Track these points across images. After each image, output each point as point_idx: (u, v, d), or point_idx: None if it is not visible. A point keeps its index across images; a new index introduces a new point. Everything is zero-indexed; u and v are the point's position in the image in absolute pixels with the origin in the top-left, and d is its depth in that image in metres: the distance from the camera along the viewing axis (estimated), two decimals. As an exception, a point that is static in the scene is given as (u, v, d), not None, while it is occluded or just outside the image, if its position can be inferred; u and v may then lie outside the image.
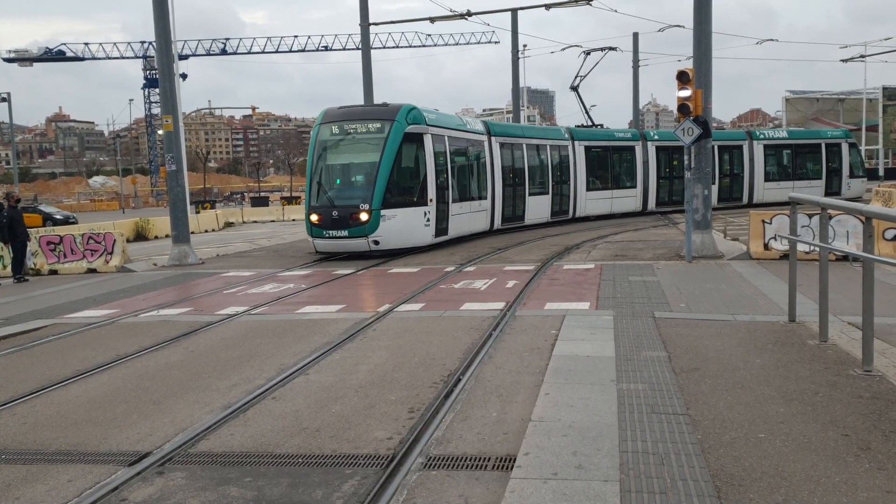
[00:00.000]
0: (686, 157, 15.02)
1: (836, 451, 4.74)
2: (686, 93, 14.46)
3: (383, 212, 17.18)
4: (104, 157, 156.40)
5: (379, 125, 17.79)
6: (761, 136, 34.20)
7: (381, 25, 31.55)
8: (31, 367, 8.30)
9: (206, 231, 35.14)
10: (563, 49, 40.16)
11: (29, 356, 8.96)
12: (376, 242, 17.23)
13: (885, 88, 71.30)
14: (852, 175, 35.34)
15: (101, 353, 8.75)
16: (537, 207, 25.43)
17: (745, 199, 32.74)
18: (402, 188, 18.09)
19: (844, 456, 4.66)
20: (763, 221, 14.68)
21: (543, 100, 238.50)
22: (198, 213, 40.90)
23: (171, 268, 17.94)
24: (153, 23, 18.45)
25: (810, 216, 13.62)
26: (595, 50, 31.63)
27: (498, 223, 23.10)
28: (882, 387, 6.05)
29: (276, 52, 75.50)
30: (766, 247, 14.59)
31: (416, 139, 18.03)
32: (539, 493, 4.22)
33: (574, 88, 31.87)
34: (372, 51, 29.41)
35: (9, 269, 17.48)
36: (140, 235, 31.20)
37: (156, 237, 31.45)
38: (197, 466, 5.07)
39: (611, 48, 31.73)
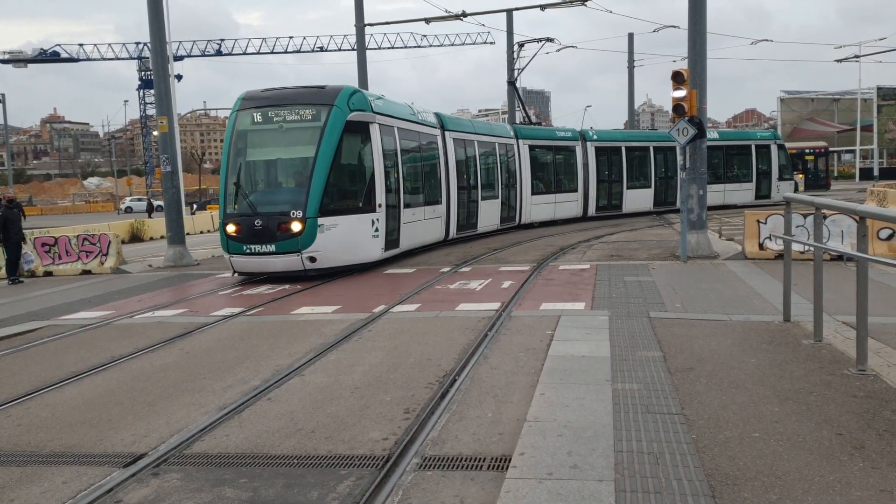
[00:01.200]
0: (681, 158, 15.05)
1: (831, 451, 4.75)
2: (681, 93, 14.49)
3: (321, 220, 13.86)
4: (99, 158, 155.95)
5: (314, 111, 14.40)
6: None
7: (377, 26, 31.51)
8: (26, 369, 8.28)
9: (202, 232, 35.10)
10: (559, 50, 40.26)
11: (23, 358, 8.94)
12: (312, 259, 13.93)
13: (879, 88, 71.48)
14: (781, 178, 34.36)
15: (96, 355, 8.74)
16: (489, 213, 22.78)
17: (679, 204, 31.93)
18: (345, 191, 14.91)
19: (839, 455, 4.68)
20: (758, 221, 14.71)
21: (539, 100, 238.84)
22: (193, 214, 40.88)
23: (166, 269, 17.90)
24: (148, 24, 18.41)
25: (805, 216, 13.65)
26: (530, 41, 29.50)
27: (454, 232, 20.28)
28: (876, 386, 6.07)
29: (272, 52, 75.32)
30: (761, 247, 14.62)
31: (361, 129, 14.82)
32: (534, 493, 4.22)
33: (511, 83, 29.98)
34: (367, 51, 29.39)
35: (3, 270, 17.44)
36: (135, 237, 31.20)
37: (151, 238, 31.43)
38: (192, 467, 5.06)
39: (548, 39, 29.44)
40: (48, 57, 76.49)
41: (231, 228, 14.29)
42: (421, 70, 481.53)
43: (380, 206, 15.10)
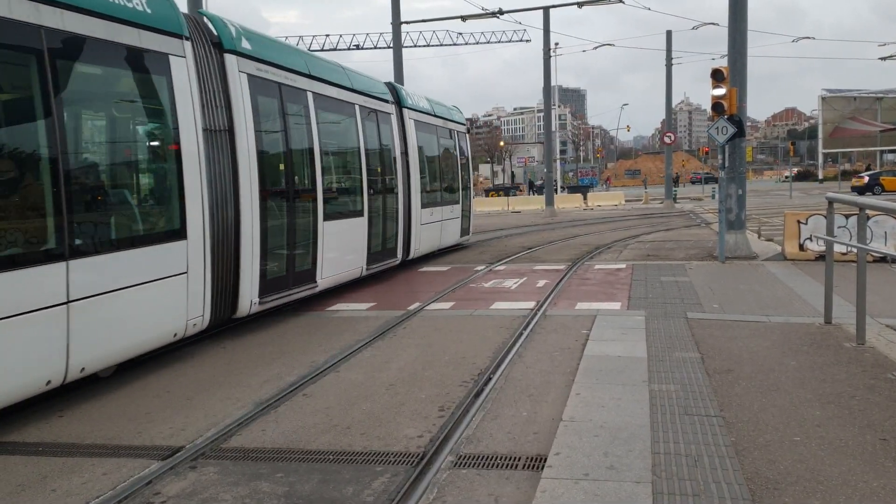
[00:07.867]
0: (720, 157, 14.84)
1: (874, 456, 4.65)
2: (720, 91, 14.28)
3: None
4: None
5: None
6: (412, 106, 15.88)
7: (412, 24, 31.56)
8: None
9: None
10: (596, 48, 40.05)
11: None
12: None
13: (924, 87, 69.85)
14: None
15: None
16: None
17: (401, 252, 14.70)
18: None
19: (882, 460, 4.57)
20: (798, 222, 14.47)
21: (575, 98, 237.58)
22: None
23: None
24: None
25: (847, 216, 13.39)
26: None
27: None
28: (922, 391, 5.92)
29: (309, 50, 76.09)
30: (801, 247, 14.37)
31: None
32: (570, 494, 4.19)
33: None
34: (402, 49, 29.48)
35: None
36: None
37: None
38: (229, 461, 5.11)
39: None
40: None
41: None
42: (451, 67, 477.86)
43: None
